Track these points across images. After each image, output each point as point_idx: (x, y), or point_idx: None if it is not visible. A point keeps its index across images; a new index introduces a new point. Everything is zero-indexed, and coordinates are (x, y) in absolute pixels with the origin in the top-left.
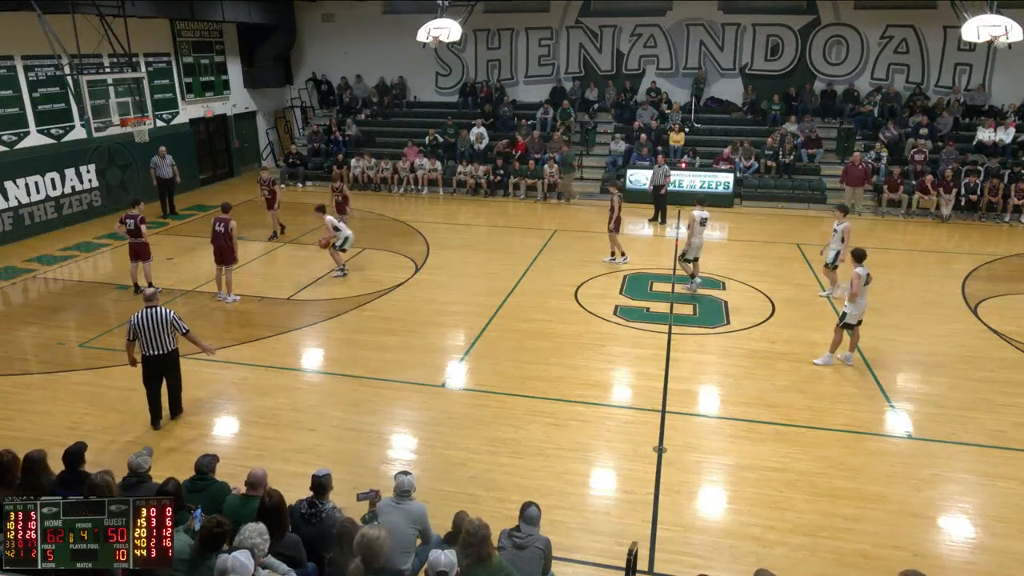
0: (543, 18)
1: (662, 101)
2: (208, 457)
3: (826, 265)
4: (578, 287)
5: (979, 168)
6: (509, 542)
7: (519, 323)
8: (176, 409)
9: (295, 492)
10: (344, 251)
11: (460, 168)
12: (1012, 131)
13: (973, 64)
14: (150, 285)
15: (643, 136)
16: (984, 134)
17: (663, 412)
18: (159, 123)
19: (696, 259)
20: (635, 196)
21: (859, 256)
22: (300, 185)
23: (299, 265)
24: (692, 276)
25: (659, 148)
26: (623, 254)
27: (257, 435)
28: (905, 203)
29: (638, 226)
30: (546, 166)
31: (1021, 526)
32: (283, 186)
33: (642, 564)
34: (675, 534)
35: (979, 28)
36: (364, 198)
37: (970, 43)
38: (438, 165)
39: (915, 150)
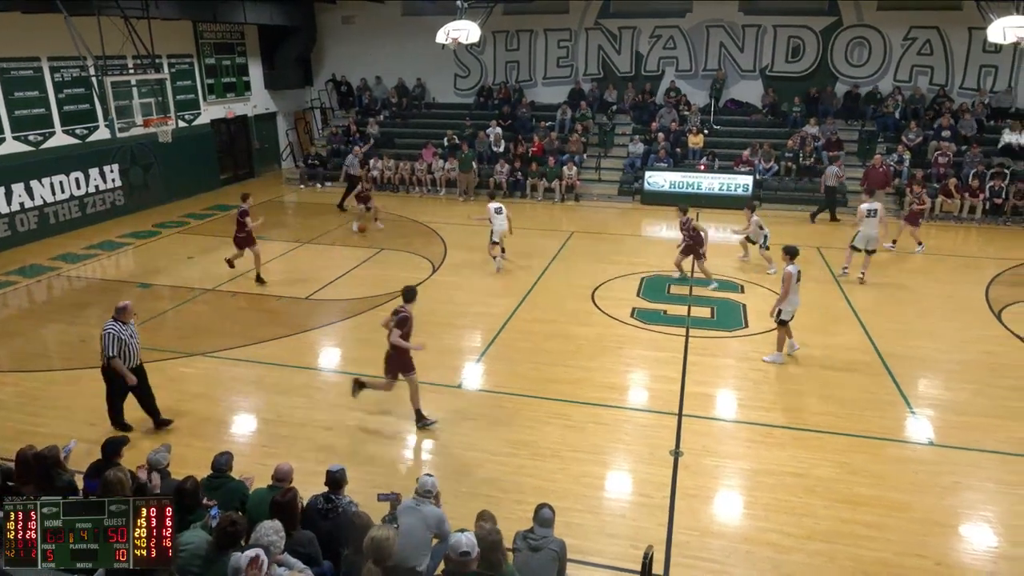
0: (562, 19)
1: (681, 103)
2: (225, 455)
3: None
4: (595, 289)
5: (1004, 171)
6: (524, 544)
7: (536, 324)
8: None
9: (311, 491)
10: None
11: (454, 169)
12: None
13: (999, 66)
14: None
15: (661, 137)
16: (1010, 137)
17: (680, 415)
18: (181, 124)
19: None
20: (652, 198)
21: (791, 253)
22: (319, 186)
23: (319, 265)
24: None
25: (678, 149)
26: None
27: (273, 433)
28: (928, 207)
29: (656, 228)
30: (564, 167)
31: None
32: (302, 186)
33: (657, 568)
34: (691, 538)
35: (1005, 29)
36: (382, 199)
37: (996, 44)
38: (455, 166)
39: (939, 153)
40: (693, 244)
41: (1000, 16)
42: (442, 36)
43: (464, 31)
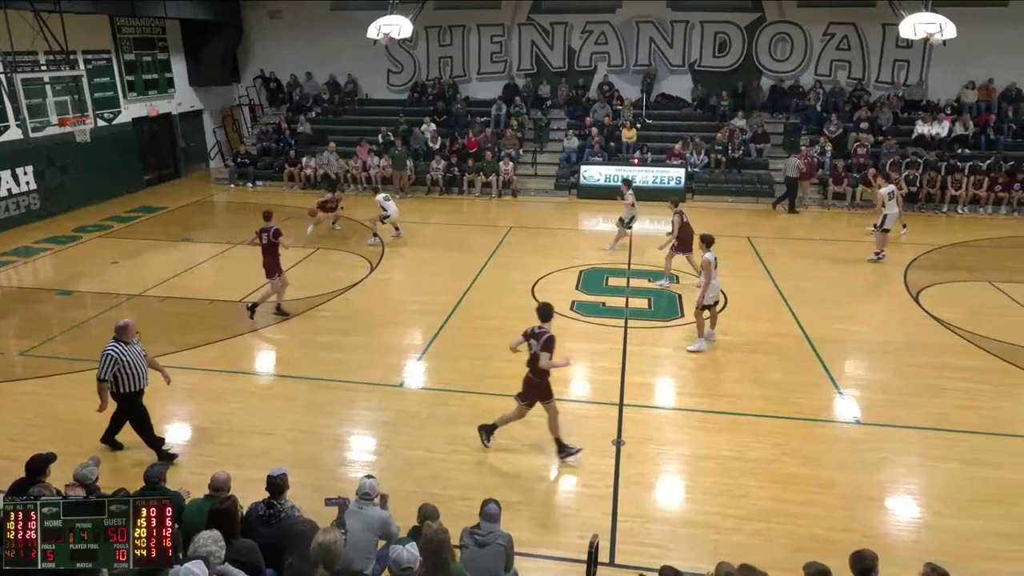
0: (494, 15)
1: (614, 97)
2: (158, 466)
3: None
4: (535, 283)
5: (918, 161)
6: (471, 540)
7: (477, 320)
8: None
9: (252, 498)
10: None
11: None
12: (947, 125)
13: (911, 60)
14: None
15: (595, 132)
16: (922, 128)
17: (621, 405)
18: (100, 123)
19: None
20: (588, 192)
21: (708, 241)
22: (250, 185)
23: (253, 267)
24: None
25: (612, 144)
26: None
27: (210, 441)
28: (849, 195)
29: (593, 222)
30: (501, 163)
31: (962, 505)
32: (232, 186)
33: (603, 556)
34: (635, 525)
35: (915, 26)
36: (317, 197)
37: (907, 40)
38: (389, 163)
39: (858, 144)
40: (684, 237)
41: (911, 13)
42: (373, 31)
43: (396, 26)
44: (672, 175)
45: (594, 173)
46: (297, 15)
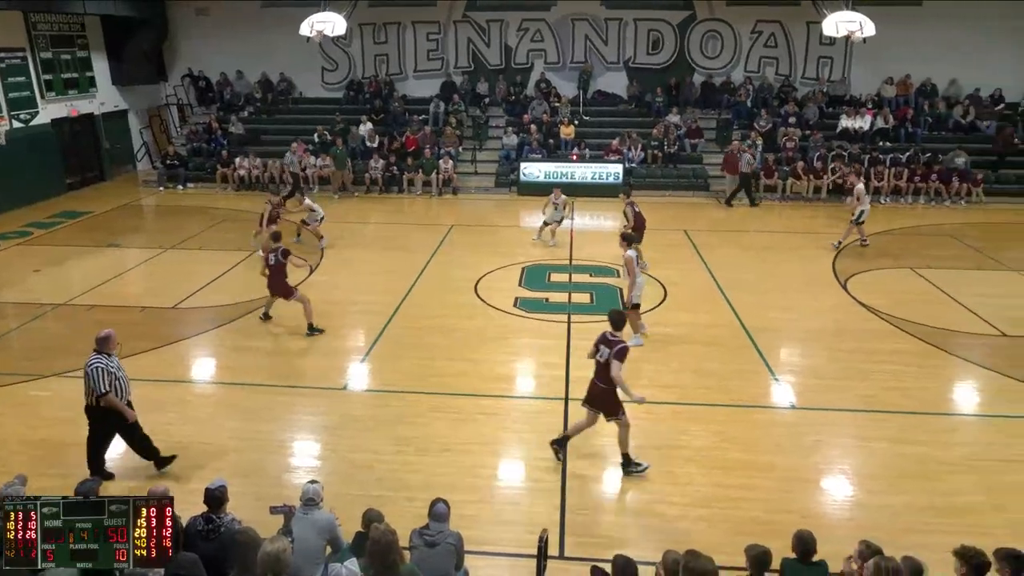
0: (430, 12)
1: (551, 94)
2: (89, 483)
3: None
4: (477, 281)
5: (843, 154)
6: (420, 540)
7: (420, 320)
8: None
9: (191, 512)
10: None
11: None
12: (869, 119)
13: (834, 57)
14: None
15: (533, 129)
16: (846, 122)
17: (567, 400)
18: (16, 124)
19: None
20: (528, 188)
21: (629, 240)
22: (180, 187)
23: (185, 271)
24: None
25: (551, 140)
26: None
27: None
28: (780, 188)
29: (534, 218)
30: (440, 161)
31: (891, 482)
32: (161, 188)
33: (553, 550)
34: (583, 517)
35: (837, 24)
36: (252, 199)
37: (830, 38)
38: (329, 163)
39: (786, 138)
40: (639, 227)
41: (832, 12)
42: (306, 28)
43: (329, 23)
44: (610, 171)
45: (534, 170)
46: (226, 12)
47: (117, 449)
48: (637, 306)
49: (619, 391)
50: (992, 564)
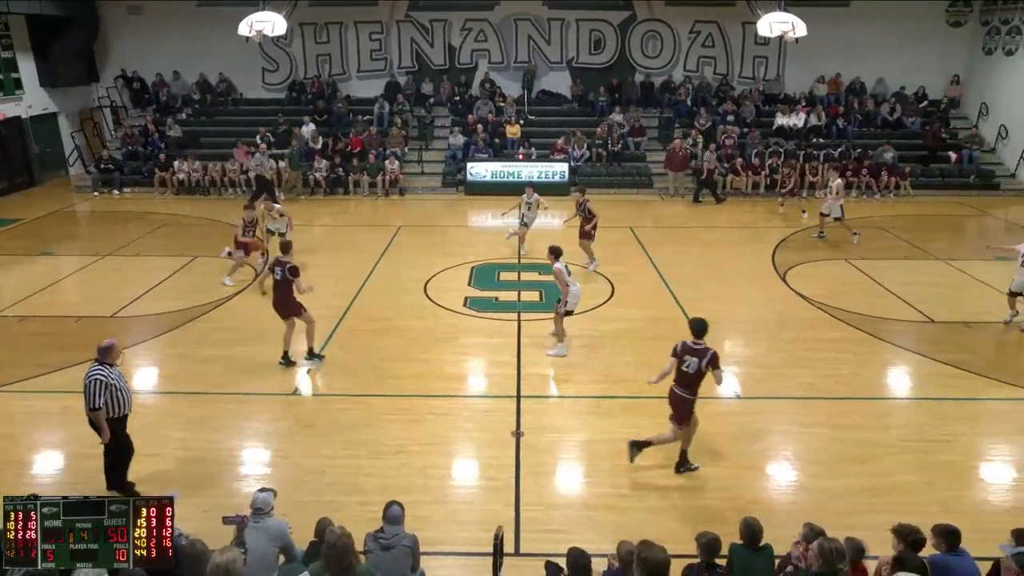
0: (371, 12)
1: (496, 94)
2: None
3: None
4: (427, 282)
5: (780, 150)
6: (375, 544)
7: (370, 322)
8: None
9: None
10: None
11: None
12: (803, 116)
13: (769, 57)
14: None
15: (479, 128)
16: (782, 120)
17: (518, 397)
18: None
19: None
20: (476, 188)
21: (556, 253)
22: (116, 192)
23: (124, 278)
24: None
25: (496, 140)
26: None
27: (90, 467)
28: (720, 184)
29: (481, 218)
30: (386, 162)
31: (831, 466)
32: (96, 194)
33: (508, 547)
34: (538, 513)
35: (771, 24)
36: (192, 203)
37: (765, 38)
38: (272, 164)
39: (725, 136)
40: (588, 225)
41: (766, 13)
42: (245, 28)
43: (268, 23)
44: (556, 169)
45: (480, 170)
46: (159, 11)
47: (55, 465)
48: (570, 312)
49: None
50: (929, 540)
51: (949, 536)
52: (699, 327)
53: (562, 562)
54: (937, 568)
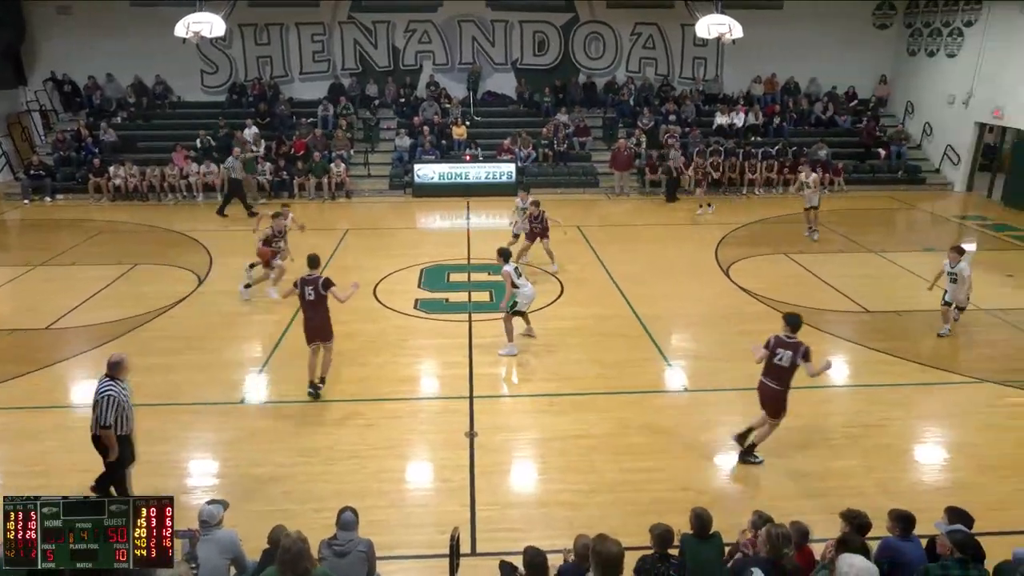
0: (313, 13)
1: (442, 96)
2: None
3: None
4: (376, 284)
5: (720, 149)
6: (329, 551)
7: None
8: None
9: None
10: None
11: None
12: (742, 115)
13: (707, 58)
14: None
15: (426, 130)
16: (721, 119)
17: (471, 398)
18: None
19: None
20: (423, 190)
21: (505, 255)
22: (48, 199)
23: (59, 289)
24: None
25: (443, 142)
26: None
27: (27, 486)
28: (664, 183)
29: (430, 219)
30: (332, 164)
31: (777, 453)
32: (27, 201)
33: (465, 547)
34: (493, 513)
35: (709, 26)
36: (130, 210)
37: (703, 39)
38: (213, 168)
39: (668, 135)
40: (537, 230)
41: (704, 15)
42: (181, 29)
43: (206, 24)
44: (503, 170)
45: (428, 171)
46: (91, 12)
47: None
48: (519, 314)
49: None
50: (885, 523)
51: (903, 521)
52: (794, 321)
53: (518, 561)
54: (888, 550)
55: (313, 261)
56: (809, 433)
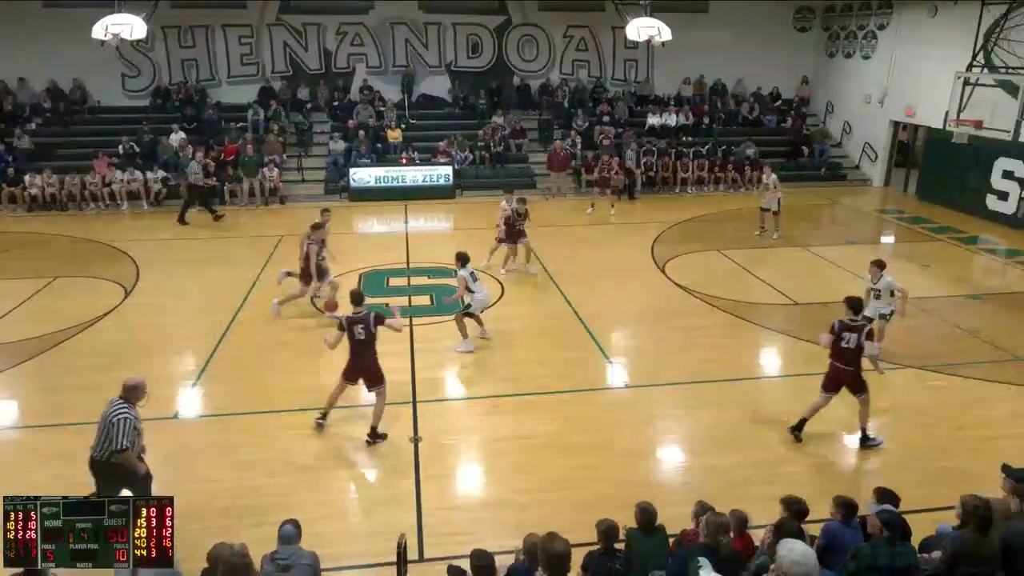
0: (240, 15)
1: (376, 99)
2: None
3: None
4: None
5: (653, 149)
6: (272, 566)
7: (254, 337)
8: None
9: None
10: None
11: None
12: (673, 116)
13: (638, 60)
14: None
15: (361, 134)
16: (653, 119)
17: (414, 403)
18: None
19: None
20: (360, 194)
21: (463, 259)
22: None
23: None
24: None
25: (379, 145)
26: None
27: None
28: (624, 185)
29: (367, 224)
30: (265, 169)
31: (713, 444)
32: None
33: (412, 554)
34: (440, 517)
35: (639, 29)
36: (48, 220)
37: (634, 42)
38: (138, 175)
39: (602, 136)
40: (514, 231)
41: (634, 18)
42: (100, 31)
43: (126, 26)
44: (440, 172)
45: (364, 175)
46: None
47: None
48: (471, 315)
49: (868, 362)
50: (828, 507)
51: (846, 508)
52: (856, 304)
53: (466, 564)
54: (829, 534)
55: (358, 299)
56: (745, 423)
